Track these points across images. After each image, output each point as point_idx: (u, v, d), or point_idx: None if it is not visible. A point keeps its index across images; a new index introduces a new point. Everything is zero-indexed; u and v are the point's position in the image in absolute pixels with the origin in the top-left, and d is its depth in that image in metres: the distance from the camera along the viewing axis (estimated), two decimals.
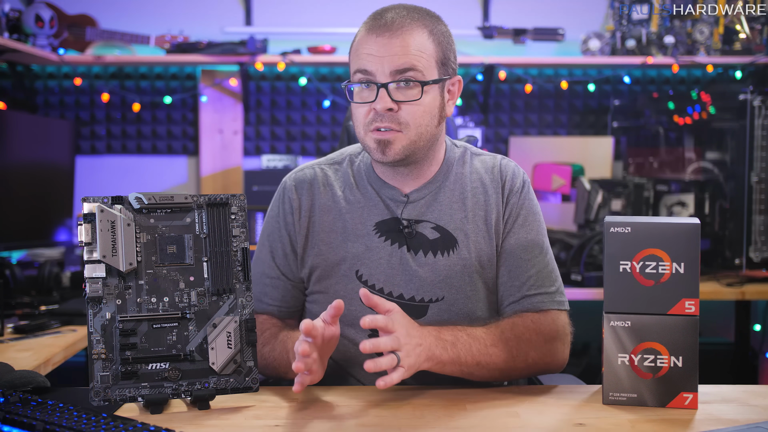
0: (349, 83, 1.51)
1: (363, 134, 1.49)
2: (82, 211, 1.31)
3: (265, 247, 1.60)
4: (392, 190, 1.56)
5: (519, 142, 3.59)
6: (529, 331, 1.48)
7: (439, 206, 1.55)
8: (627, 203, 3.23)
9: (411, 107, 1.45)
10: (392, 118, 1.45)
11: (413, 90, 1.46)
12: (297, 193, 1.59)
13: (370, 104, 1.46)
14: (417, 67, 1.45)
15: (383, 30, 1.46)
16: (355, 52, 1.50)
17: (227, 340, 1.35)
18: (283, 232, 1.58)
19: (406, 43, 1.45)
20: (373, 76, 1.46)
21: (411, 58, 1.45)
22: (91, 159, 3.64)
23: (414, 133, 1.46)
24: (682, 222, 1.33)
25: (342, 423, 1.27)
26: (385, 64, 1.44)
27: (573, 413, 1.32)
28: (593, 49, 3.43)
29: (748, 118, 3.05)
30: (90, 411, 1.20)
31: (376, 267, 1.53)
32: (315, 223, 1.57)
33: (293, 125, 3.66)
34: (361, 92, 1.48)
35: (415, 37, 1.46)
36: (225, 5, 3.63)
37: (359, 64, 1.47)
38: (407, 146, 1.47)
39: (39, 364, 1.80)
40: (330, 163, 1.63)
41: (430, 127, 1.49)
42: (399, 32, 1.45)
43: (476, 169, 1.59)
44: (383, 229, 1.54)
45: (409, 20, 1.47)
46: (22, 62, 3.43)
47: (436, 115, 1.50)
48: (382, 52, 1.45)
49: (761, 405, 1.36)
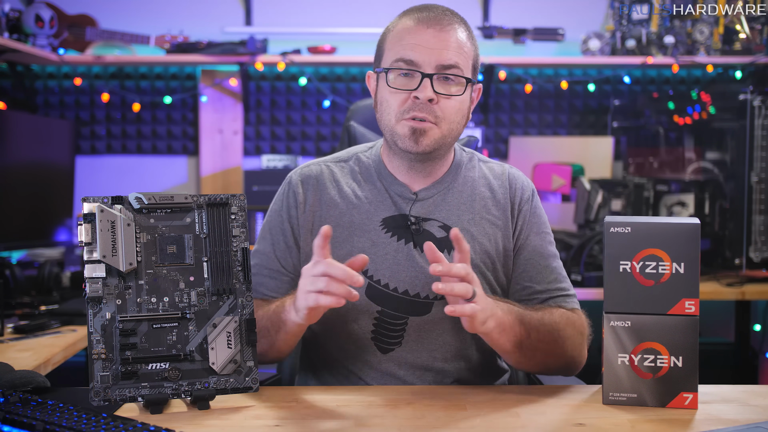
0: (384, 69, 1.51)
1: (394, 122, 1.50)
2: (82, 211, 1.31)
3: (266, 240, 1.60)
4: (401, 187, 1.57)
5: (519, 142, 3.59)
6: (565, 320, 1.50)
7: (447, 206, 1.57)
8: (627, 203, 3.23)
9: (449, 102, 1.48)
10: (430, 109, 1.47)
11: (453, 86, 1.48)
12: (303, 188, 1.59)
13: (409, 92, 1.47)
14: (460, 65, 1.49)
15: (433, 22, 1.48)
16: (397, 39, 1.50)
17: (227, 340, 1.35)
18: (286, 225, 1.58)
19: (454, 39, 1.48)
20: (419, 66, 1.47)
21: (457, 55, 1.48)
22: (91, 159, 3.64)
23: (447, 128, 1.49)
24: (682, 222, 1.33)
25: (342, 423, 1.27)
26: (434, 56, 1.47)
27: (573, 413, 1.32)
28: (593, 49, 3.43)
29: (748, 118, 3.05)
30: (90, 411, 1.20)
31: (381, 262, 1.53)
32: (320, 218, 1.57)
33: (293, 125, 3.66)
34: (399, 79, 1.49)
35: (461, 35, 1.50)
36: (225, 5, 3.63)
37: (402, 52, 1.48)
38: (439, 139, 1.49)
39: (39, 364, 1.80)
40: (336, 161, 1.64)
41: (460, 126, 1.52)
42: (449, 28, 1.49)
43: (484, 174, 1.62)
44: (390, 225, 1.55)
45: (456, 19, 1.52)
46: (22, 62, 3.43)
47: (465, 115, 1.53)
48: (432, 44, 1.47)
49: (761, 405, 1.36)
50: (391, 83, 1.50)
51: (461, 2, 3.62)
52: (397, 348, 1.53)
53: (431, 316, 1.53)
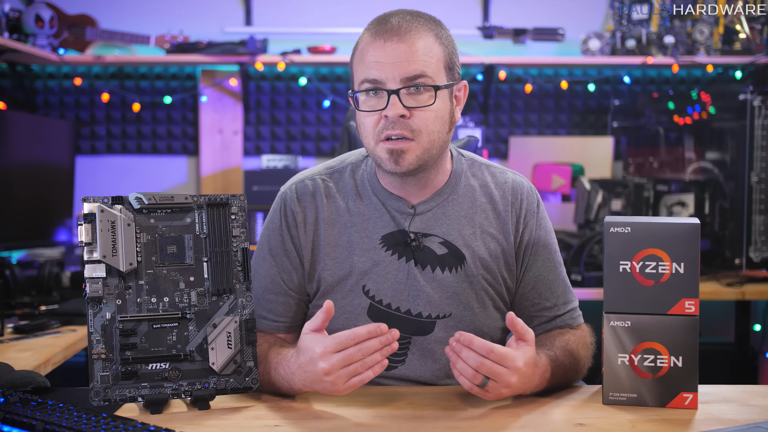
0: (354, 92, 1.46)
1: (373, 145, 1.44)
2: (82, 211, 1.31)
3: (267, 262, 1.53)
4: (398, 202, 1.51)
5: (519, 142, 3.59)
6: (579, 343, 1.50)
7: (447, 220, 1.51)
8: (627, 203, 3.23)
9: (423, 113, 1.41)
10: (404, 125, 1.40)
11: (424, 95, 1.41)
12: (300, 206, 1.53)
13: (379, 112, 1.41)
14: (427, 73, 1.41)
15: (390, 35, 1.41)
16: (360, 59, 1.45)
17: (227, 340, 1.35)
18: (289, 246, 1.52)
19: (415, 48, 1.40)
20: (382, 83, 1.41)
21: (421, 64, 1.40)
22: (91, 159, 3.64)
23: (426, 140, 1.42)
24: (682, 222, 1.33)
25: (342, 423, 1.27)
26: (395, 70, 1.40)
27: (573, 413, 1.32)
28: (593, 49, 3.43)
29: (748, 118, 3.05)
30: (90, 411, 1.20)
31: (383, 282, 1.49)
32: (320, 236, 1.52)
33: (293, 125, 3.66)
34: (369, 100, 1.43)
35: (424, 41, 1.41)
36: (225, 5, 3.63)
37: (365, 72, 1.42)
38: (420, 155, 1.42)
39: (39, 364, 1.80)
40: (330, 173, 1.56)
41: (442, 134, 1.45)
42: (407, 37, 1.41)
43: (486, 182, 1.55)
44: (390, 243, 1.50)
45: (416, 24, 1.43)
46: (22, 62, 3.43)
47: (447, 121, 1.46)
48: (391, 58, 1.40)
49: (761, 405, 1.36)
50: (361, 106, 1.44)
51: (461, 2, 3.63)
52: (400, 366, 1.51)
53: (434, 335, 1.50)
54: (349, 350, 1.26)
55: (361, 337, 1.26)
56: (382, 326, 1.26)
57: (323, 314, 1.31)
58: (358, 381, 1.27)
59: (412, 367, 1.51)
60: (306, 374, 1.31)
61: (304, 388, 1.34)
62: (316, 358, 1.28)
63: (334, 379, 1.27)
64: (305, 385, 1.33)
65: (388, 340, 1.26)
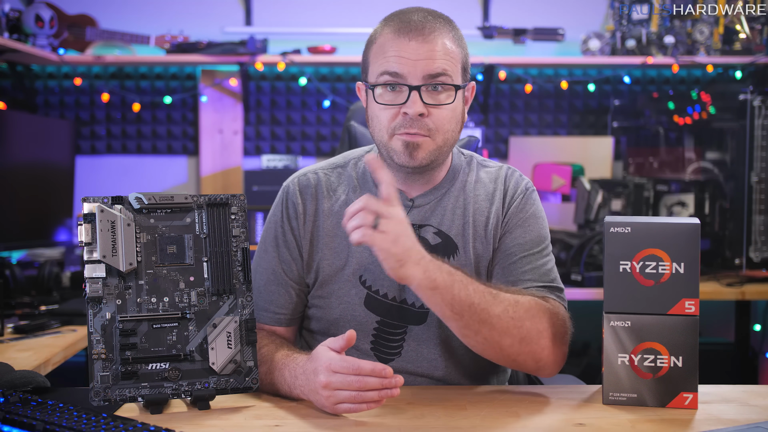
0: (371, 84, 1.46)
1: (387, 137, 1.45)
2: (82, 211, 1.31)
3: (269, 254, 1.55)
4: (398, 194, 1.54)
5: (519, 142, 3.59)
6: (531, 302, 1.41)
7: (442, 211, 1.53)
8: (627, 203, 3.23)
9: (440, 112, 1.43)
10: (421, 124, 1.42)
11: (443, 94, 1.44)
12: (301, 198, 1.55)
13: (398, 107, 1.43)
14: (448, 72, 1.43)
15: (415, 33, 1.43)
16: (380, 52, 1.45)
17: (227, 340, 1.35)
18: (289, 237, 1.54)
19: (438, 47, 1.43)
20: (404, 78, 1.42)
21: (443, 63, 1.43)
22: (91, 159, 3.64)
23: (441, 138, 1.45)
24: (682, 222, 1.33)
25: (342, 423, 1.27)
26: (418, 67, 1.41)
27: (573, 413, 1.32)
28: (593, 49, 3.43)
29: (748, 118, 3.05)
30: (90, 411, 1.20)
31: (380, 272, 1.49)
32: (319, 227, 1.54)
33: (293, 125, 3.66)
34: (386, 94, 1.45)
35: (445, 41, 1.44)
36: (225, 5, 3.63)
37: (386, 65, 1.43)
38: (434, 151, 1.45)
39: (39, 364, 1.80)
40: (332, 168, 1.59)
41: (455, 133, 1.48)
42: (431, 36, 1.43)
43: (481, 178, 1.57)
44: None
45: (438, 24, 1.45)
46: (22, 62, 3.43)
47: (459, 120, 1.49)
48: (415, 55, 1.42)
49: (761, 405, 1.37)
50: (378, 99, 1.45)
51: (461, 2, 3.63)
52: (396, 358, 1.52)
53: (428, 325, 1.51)
54: (350, 377, 1.26)
55: (363, 371, 1.26)
56: (388, 369, 1.26)
57: (343, 341, 1.31)
58: (348, 409, 1.27)
59: (409, 359, 1.52)
60: (308, 381, 1.32)
61: (302, 395, 1.35)
62: (319, 369, 1.29)
63: (329, 395, 1.28)
64: (303, 392, 1.34)
65: (390, 384, 1.26)
